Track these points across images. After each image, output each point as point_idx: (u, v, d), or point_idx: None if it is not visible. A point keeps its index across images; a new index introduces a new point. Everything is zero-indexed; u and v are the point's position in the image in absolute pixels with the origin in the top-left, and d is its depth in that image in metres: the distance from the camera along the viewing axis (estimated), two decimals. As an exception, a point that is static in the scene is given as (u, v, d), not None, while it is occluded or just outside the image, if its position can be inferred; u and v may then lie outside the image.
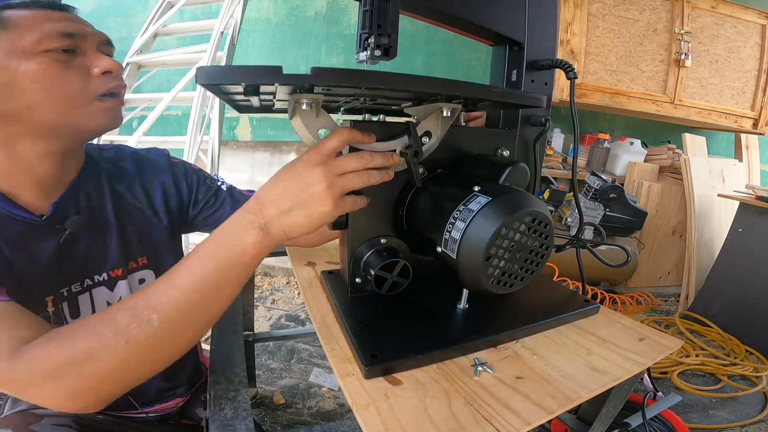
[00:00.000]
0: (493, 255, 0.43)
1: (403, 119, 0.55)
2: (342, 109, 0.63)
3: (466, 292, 0.55)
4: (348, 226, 0.54)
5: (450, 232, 0.45)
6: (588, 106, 2.17)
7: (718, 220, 2.23)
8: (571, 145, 2.08)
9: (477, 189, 0.46)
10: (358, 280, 0.57)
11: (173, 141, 1.81)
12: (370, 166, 0.44)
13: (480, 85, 0.43)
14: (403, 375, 0.45)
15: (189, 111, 1.76)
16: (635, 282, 2.26)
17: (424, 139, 0.51)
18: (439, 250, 0.48)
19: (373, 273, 0.53)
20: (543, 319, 0.55)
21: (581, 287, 0.70)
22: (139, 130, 1.80)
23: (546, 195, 1.95)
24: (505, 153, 0.62)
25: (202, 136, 1.81)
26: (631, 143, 2.37)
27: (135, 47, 2.01)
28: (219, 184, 0.74)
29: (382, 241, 0.56)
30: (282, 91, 0.42)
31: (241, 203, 0.45)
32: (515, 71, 0.65)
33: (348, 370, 0.46)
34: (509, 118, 0.66)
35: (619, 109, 2.24)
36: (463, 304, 0.55)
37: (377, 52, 0.45)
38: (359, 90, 0.43)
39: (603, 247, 1.76)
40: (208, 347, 0.71)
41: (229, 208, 0.73)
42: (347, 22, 2.51)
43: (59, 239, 0.54)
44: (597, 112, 2.60)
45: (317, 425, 1.20)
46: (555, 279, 1.67)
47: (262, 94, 0.44)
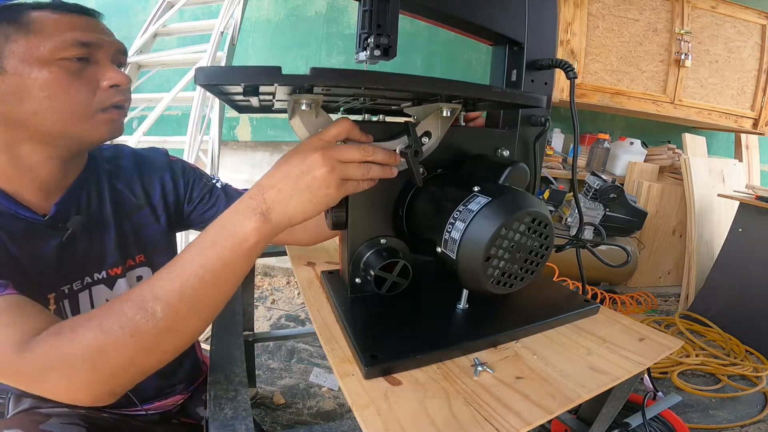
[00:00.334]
0: (492, 255, 0.43)
1: (403, 119, 0.55)
2: (341, 109, 0.63)
3: (466, 292, 0.55)
4: (348, 226, 0.54)
5: (450, 233, 0.45)
6: (588, 106, 2.17)
7: (718, 220, 2.23)
8: (571, 145, 2.07)
9: (477, 189, 0.46)
10: (358, 280, 0.57)
11: (173, 141, 1.81)
12: (370, 159, 0.44)
13: (480, 85, 0.43)
14: (403, 375, 0.45)
15: (189, 111, 1.76)
16: (635, 282, 2.26)
17: (424, 139, 0.51)
18: (438, 250, 0.48)
19: (373, 273, 0.53)
20: (543, 319, 0.55)
21: (581, 287, 0.70)
22: (139, 130, 1.80)
23: (546, 195, 1.95)
24: (505, 153, 0.62)
25: (202, 136, 1.81)
26: (631, 143, 2.37)
27: (135, 47, 2.01)
28: (214, 182, 0.75)
29: (382, 241, 0.56)
30: (281, 92, 0.42)
31: (236, 200, 0.45)
32: (515, 71, 0.65)
33: (348, 370, 0.46)
34: (509, 118, 0.66)
35: (619, 109, 2.24)
36: (463, 304, 0.55)
37: (377, 52, 0.45)
38: (359, 90, 0.43)
39: (603, 247, 1.76)
40: (207, 347, 0.71)
41: (224, 205, 0.73)
42: (347, 22, 2.51)
43: (61, 238, 0.54)
44: (597, 112, 2.60)
45: (317, 425, 1.20)
46: (555, 279, 1.67)
47: (261, 95, 0.44)
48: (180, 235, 1.75)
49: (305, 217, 0.42)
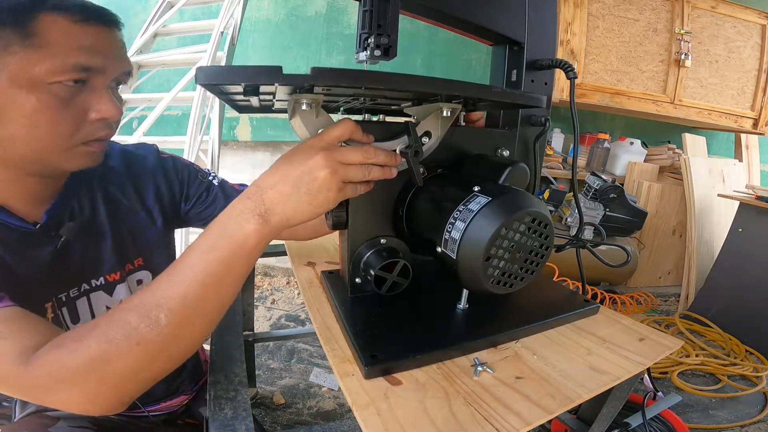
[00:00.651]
0: (492, 255, 0.43)
1: (403, 119, 0.55)
2: (342, 109, 0.63)
3: (466, 292, 0.55)
4: (348, 226, 0.54)
5: (450, 232, 0.45)
6: (588, 106, 2.17)
7: (718, 220, 2.23)
8: (571, 145, 2.07)
9: (477, 189, 0.46)
10: (358, 280, 0.57)
11: (173, 141, 1.81)
12: (372, 161, 0.43)
13: (480, 85, 0.43)
14: (403, 375, 0.45)
15: (189, 111, 1.76)
16: (635, 282, 2.26)
17: (424, 139, 0.51)
18: (438, 250, 0.48)
19: (373, 273, 0.53)
20: (543, 319, 0.55)
21: (581, 287, 0.70)
22: (139, 130, 1.80)
23: (546, 195, 1.95)
24: (505, 153, 0.62)
25: (202, 136, 1.81)
26: (631, 143, 2.37)
27: (135, 47, 2.01)
28: (210, 179, 0.73)
29: (382, 241, 0.56)
30: (282, 92, 0.42)
31: (233, 198, 0.44)
32: (515, 71, 0.65)
33: (348, 370, 0.46)
34: (509, 118, 0.66)
35: (619, 109, 2.24)
36: (463, 304, 0.55)
37: (377, 52, 0.45)
38: (359, 90, 0.43)
39: (603, 247, 1.76)
40: (208, 347, 0.71)
41: (222, 202, 0.72)
42: (347, 22, 2.51)
43: (55, 246, 0.53)
44: (597, 112, 2.60)
45: (317, 425, 1.20)
46: (555, 279, 1.67)
47: (261, 94, 0.44)
48: (179, 232, 1.75)
49: (303, 219, 0.42)
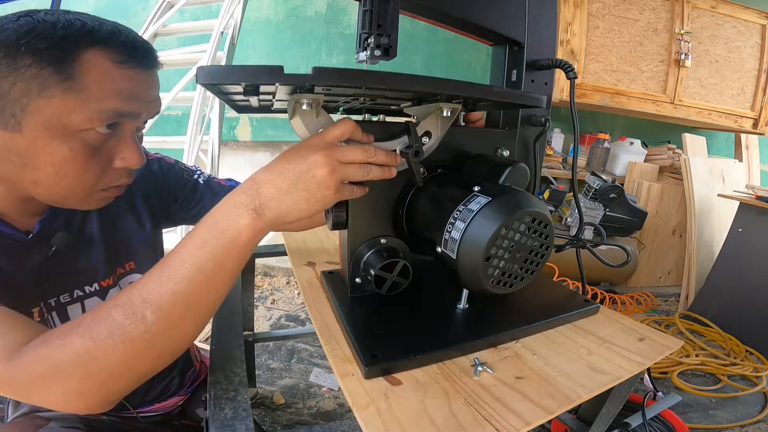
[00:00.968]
0: (493, 255, 0.43)
1: (403, 119, 0.55)
2: (341, 109, 0.63)
3: (466, 292, 0.55)
4: (348, 226, 0.54)
5: (450, 232, 0.45)
6: (588, 106, 2.18)
7: (718, 220, 2.23)
8: (571, 145, 2.08)
9: (477, 189, 0.46)
10: (358, 280, 0.57)
11: (173, 141, 1.81)
12: (372, 160, 0.43)
13: (480, 85, 0.43)
14: (403, 375, 0.45)
15: (189, 111, 1.76)
16: (635, 282, 2.26)
17: (424, 139, 0.51)
18: (439, 250, 0.48)
19: (373, 273, 0.53)
20: (543, 319, 0.55)
21: (581, 287, 0.70)
22: (139, 130, 1.79)
23: (546, 195, 1.95)
24: (505, 153, 0.62)
25: (202, 136, 1.81)
26: (631, 143, 2.38)
27: (135, 47, 2.00)
28: (196, 177, 0.72)
29: (382, 241, 0.56)
30: (282, 91, 0.42)
31: (221, 194, 0.43)
32: (515, 71, 0.65)
33: (348, 370, 0.46)
34: (509, 118, 0.66)
35: (619, 109, 2.24)
36: (463, 304, 0.55)
37: (377, 52, 0.45)
38: (359, 90, 0.43)
39: (603, 247, 1.76)
40: (207, 347, 0.71)
41: (209, 200, 0.71)
42: (347, 22, 2.51)
43: (47, 254, 0.52)
44: (597, 112, 2.60)
45: (317, 425, 1.20)
46: (555, 279, 1.67)
47: (261, 94, 0.44)
48: (178, 230, 1.75)
49: (299, 216, 0.41)
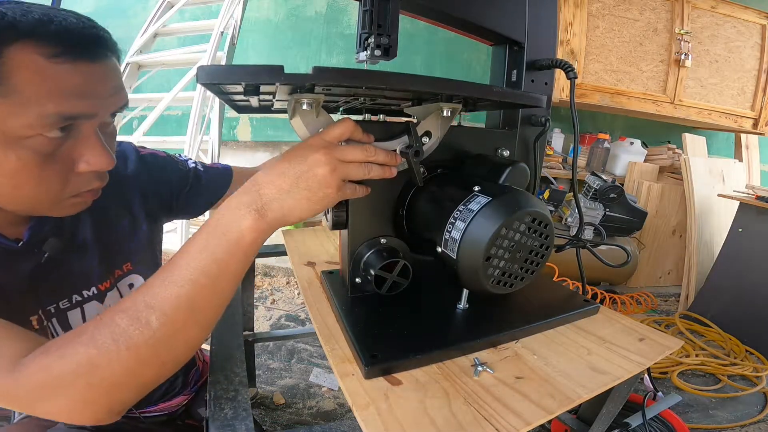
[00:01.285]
0: (493, 255, 0.43)
1: (403, 119, 0.55)
2: (341, 109, 0.63)
3: (466, 292, 0.55)
4: (348, 226, 0.54)
5: (450, 232, 0.45)
6: (588, 106, 2.18)
7: (718, 220, 2.23)
8: (571, 145, 2.08)
9: (477, 189, 0.46)
10: (358, 280, 0.57)
11: (173, 141, 1.81)
12: (372, 159, 0.43)
13: (480, 85, 0.43)
14: (403, 375, 0.45)
15: (189, 111, 1.76)
16: (635, 282, 2.26)
17: (424, 139, 0.51)
18: (439, 250, 0.48)
19: (373, 273, 0.53)
20: (543, 319, 0.55)
21: (581, 287, 0.70)
22: (139, 130, 1.80)
23: (546, 195, 1.95)
24: (505, 153, 0.62)
25: (202, 136, 1.81)
26: (631, 143, 2.37)
27: (135, 47, 2.01)
28: (191, 165, 0.71)
29: (382, 241, 0.56)
30: (282, 91, 0.42)
31: (213, 176, 0.41)
32: (515, 71, 0.65)
33: (348, 370, 0.46)
34: (509, 118, 0.66)
35: (619, 109, 2.24)
36: (463, 304, 0.55)
37: (377, 52, 0.45)
38: (360, 90, 0.43)
39: (603, 247, 1.76)
40: (207, 347, 0.71)
41: (204, 186, 0.71)
42: (347, 22, 2.51)
43: (39, 261, 0.51)
44: (597, 112, 2.60)
45: (317, 425, 1.20)
46: (555, 279, 1.67)
47: (261, 94, 0.44)
48: (178, 226, 1.74)
49: (301, 216, 0.41)
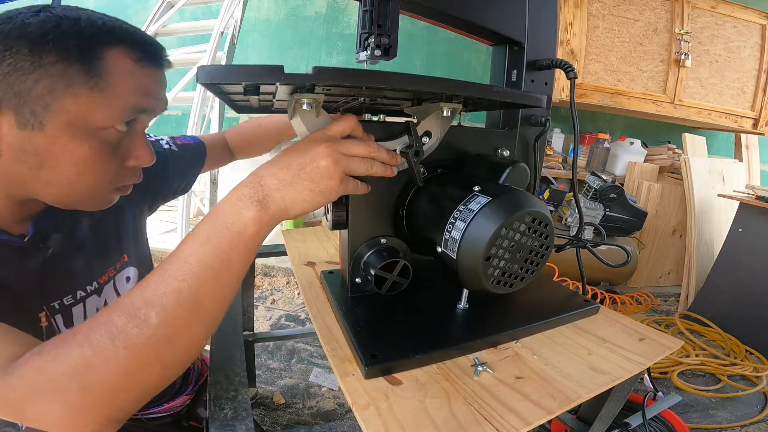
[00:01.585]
0: (493, 255, 0.43)
1: (403, 119, 0.55)
2: (341, 109, 0.63)
3: (466, 292, 0.55)
4: (348, 226, 0.54)
5: (450, 232, 0.45)
6: (588, 106, 2.18)
7: (718, 220, 2.23)
8: (571, 145, 2.08)
9: (477, 189, 0.46)
10: (358, 280, 0.57)
11: (173, 141, 1.80)
12: (374, 155, 0.43)
13: (480, 85, 0.43)
14: (403, 375, 0.45)
15: (189, 111, 1.76)
16: (635, 282, 2.26)
17: (424, 139, 0.51)
18: (439, 250, 0.48)
19: (373, 273, 0.53)
20: (543, 319, 0.55)
21: (581, 287, 0.70)
22: (139, 130, 1.79)
23: (546, 195, 1.96)
24: (505, 153, 0.62)
25: (202, 136, 1.80)
26: (631, 143, 2.38)
27: (135, 47, 2.00)
28: (165, 147, 0.71)
29: (382, 241, 0.56)
30: (282, 91, 0.42)
31: (188, 155, 0.40)
32: (515, 71, 0.65)
33: (348, 370, 0.46)
34: (509, 118, 0.66)
35: (619, 109, 2.25)
36: (463, 304, 0.55)
37: (377, 52, 0.45)
38: (360, 90, 0.43)
39: (603, 247, 1.76)
40: (207, 346, 0.71)
41: (180, 168, 0.71)
42: (347, 22, 2.51)
43: (44, 257, 0.50)
44: (597, 112, 2.60)
45: (317, 425, 1.20)
46: (555, 279, 1.67)
47: (261, 94, 0.44)
48: (181, 225, 1.73)
49: (303, 208, 0.40)
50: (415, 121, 0.52)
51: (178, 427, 0.75)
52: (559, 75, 0.64)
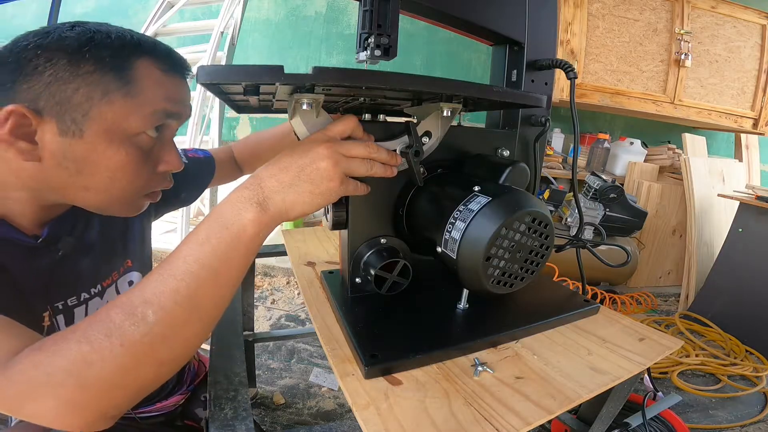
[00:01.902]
0: (493, 255, 0.43)
1: (403, 119, 0.55)
2: (341, 109, 0.63)
3: (466, 292, 0.55)
4: (348, 226, 0.54)
5: (450, 232, 0.45)
6: (588, 106, 2.18)
7: (718, 220, 2.23)
8: (571, 145, 2.08)
9: (477, 189, 0.46)
10: (358, 280, 0.57)
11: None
12: (374, 156, 0.43)
13: (480, 85, 0.43)
14: (403, 375, 0.45)
15: (189, 111, 1.76)
16: (635, 282, 2.26)
17: (424, 139, 0.51)
18: (439, 250, 0.48)
19: (373, 273, 0.53)
20: (543, 319, 0.55)
21: (581, 287, 0.70)
22: (139, 130, 1.80)
23: (546, 195, 1.96)
24: (505, 153, 0.62)
25: (202, 136, 1.81)
26: (631, 143, 2.38)
27: (135, 47, 2.01)
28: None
29: (382, 241, 0.56)
30: (282, 91, 0.42)
31: (197, 169, 0.41)
32: (515, 71, 0.65)
33: (348, 370, 0.46)
34: (509, 118, 0.66)
35: (619, 109, 2.25)
36: (463, 304, 0.55)
37: (377, 52, 0.45)
38: (360, 90, 0.43)
39: (603, 247, 1.76)
40: (207, 346, 0.71)
41: (189, 180, 0.72)
42: (347, 22, 2.51)
43: (54, 258, 0.52)
44: (597, 112, 2.60)
45: (317, 425, 1.20)
46: (555, 279, 1.67)
47: (261, 94, 0.44)
48: (181, 225, 1.73)
49: (303, 210, 0.41)
50: (415, 121, 0.52)
51: (172, 426, 0.75)
52: (559, 75, 0.64)
